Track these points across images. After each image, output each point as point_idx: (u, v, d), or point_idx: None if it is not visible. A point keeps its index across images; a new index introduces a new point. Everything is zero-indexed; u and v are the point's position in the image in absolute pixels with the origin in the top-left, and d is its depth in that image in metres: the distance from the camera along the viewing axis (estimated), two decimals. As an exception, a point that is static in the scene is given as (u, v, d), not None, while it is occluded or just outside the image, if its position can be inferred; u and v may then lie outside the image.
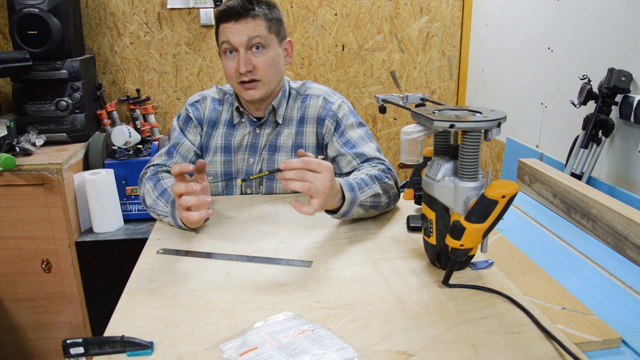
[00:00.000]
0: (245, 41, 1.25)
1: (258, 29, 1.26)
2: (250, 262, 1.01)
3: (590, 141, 1.56)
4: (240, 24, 1.26)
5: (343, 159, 1.33)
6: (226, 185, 1.43)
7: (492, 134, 0.83)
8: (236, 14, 1.25)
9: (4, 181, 1.83)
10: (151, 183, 1.27)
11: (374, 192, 1.15)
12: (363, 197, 1.12)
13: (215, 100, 1.43)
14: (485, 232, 0.82)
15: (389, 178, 1.22)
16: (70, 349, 0.74)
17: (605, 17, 1.58)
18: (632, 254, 1.08)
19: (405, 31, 2.59)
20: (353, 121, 1.37)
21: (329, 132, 1.37)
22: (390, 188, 1.21)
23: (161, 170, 1.33)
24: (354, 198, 1.10)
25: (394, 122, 2.73)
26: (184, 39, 2.48)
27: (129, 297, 0.89)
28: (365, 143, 1.34)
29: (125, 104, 2.52)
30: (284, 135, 1.39)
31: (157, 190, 1.24)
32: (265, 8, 1.29)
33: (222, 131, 1.41)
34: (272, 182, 1.40)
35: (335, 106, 1.37)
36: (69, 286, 1.95)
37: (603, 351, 0.79)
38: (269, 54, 1.29)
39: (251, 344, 0.72)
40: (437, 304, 0.85)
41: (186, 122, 1.42)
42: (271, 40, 1.29)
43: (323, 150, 1.40)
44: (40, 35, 2.03)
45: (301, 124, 1.39)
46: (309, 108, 1.39)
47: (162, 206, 1.20)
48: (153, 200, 1.23)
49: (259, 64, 1.28)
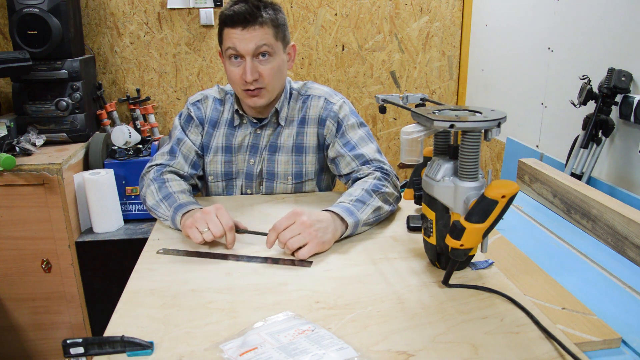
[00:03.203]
0: (252, 49, 1.24)
1: (265, 37, 1.25)
2: (250, 262, 1.01)
3: (590, 141, 1.56)
4: (247, 31, 1.23)
5: (342, 160, 1.33)
6: (226, 185, 1.43)
7: (492, 134, 0.83)
8: (243, 20, 1.23)
9: (4, 181, 1.83)
10: (156, 185, 1.26)
11: (374, 207, 1.15)
12: (365, 216, 1.12)
13: (216, 100, 1.43)
14: (485, 232, 0.82)
15: (387, 185, 1.21)
16: (70, 349, 0.74)
17: (605, 17, 1.58)
18: (632, 254, 1.08)
19: (405, 31, 2.60)
20: (354, 122, 1.36)
21: (330, 133, 1.37)
22: (390, 195, 1.20)
23: (165, 170, 1.32)
24: (356, 220, 1.10)
25: (394, 122, 2.73)
26: (184, 39, 2.48)
27: (129, 297, 0.89)
28: (365, 144, 1.33)
29: (125, 104, 2.51)
30: (284, 136, 1.38)
31: (162, 193, 1.23)
32: (272, 13, 1.27)
33: (223, 131, 1.41)
34: (272, 183, 1.40)
35: (336, 107, 1.37)
36: (69, 286, 1.95)
37: (603, 351, 0.79)
38: (275, 62, 1.28)
39: (251, 344, 0.72)
40: (437, 304, 0.85)
41: (188, 121, 1.41)
42: (277, 47, 1.28)
43: (324, 151, 1.40)
44: (40, 35, 2.02)
45: (302, 124, 1.38)
46: (310, 109, 1.38)
47: (164, 209, 1.20)
48: (156, 202, 1.23)
49: (265, 72, 1.26)
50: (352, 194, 1.16)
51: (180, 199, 1.20)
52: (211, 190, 1.45)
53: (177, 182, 1.29)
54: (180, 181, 1.31)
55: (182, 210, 1.16)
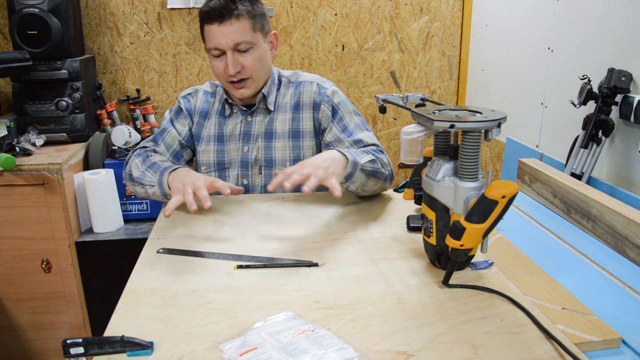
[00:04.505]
0: (231, 44, 1.27)
1: (243, 31, 1.27)
2: (251, 262, 1.01)
3: (590, 141, 1.56)
4: (224, 25, 1.26)
5: (341, 145, 1.37)
6: (219, 176, 1.44)
7: (492, 134, 0.83)
8: (220, 15, 1.25)
9: (4, 181, 1.83)
10: (140, 158, 1.33)
11: (371, 157, 1.23)
12: (363, 161, 1.20)
13: (207, 93, 1.47)
14: (485, 232, 0.82)
15: (383, 155, 1.31)
16: (70, 349, 0.74)
17: (605, 17, 1.58)
18: (632, 254, 1.08)
19: (405, 31, 2.59)
20: (350, 109, 1.42)
21: (326, 117, 1.40)
22: (385, 164, 1.29)
23: (149, 150, 1.38)
24: (355, 160, 1.18)
25: (394, 122, 2.73)
26: (184, 39, 2.48)
27: (129, 297, 0.89)
28: (361, 131, 1.39)
29: (125, 104, 2.51)
30: (279, 122, 1.41)
31: (146, 163, 1.29)
32: (248, 4, 1.28)
33: (214, 120, 1.44)
34: (271, 170, 1.42)
35: (329, 92, 1.41)
36: (69, 286, 1.95)
37: (603, 351, 0.79)
38: (256, 52, 1.31)
39: (251, 344, 0.72)
40: (437, 304, 0.85)
41: (177, 113, 1.46)
42: (257, 38, 1.31)
43: (320, 136, 1.42)
44: (40, 35, 2.03)
45: (297, 110, 1.41)
46: (303, 94, 1.42)
47: (149, 176, 1.26)
48: (141, 172, 1.27)
49: (247, 63, 1.30)
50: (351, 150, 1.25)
51: (164, 164, 1.27)
52: None
53: (160, 156, 1.35)
54: (162, 156, 1.37)
55: (167, 170, 1.23)
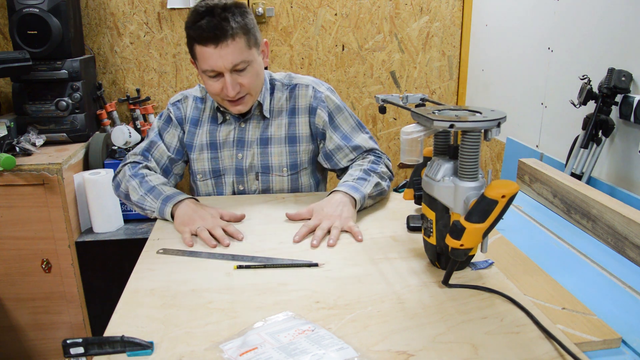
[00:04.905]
0: (229, 66, 1.22)
1: (240, 51, 1.22)
2: (251, 262, 1.01)
3: (590, 141, 1.55)
4: (220, 47, 1.20)
5: (341, 152, 1.39)
6: (216, 183, 1.43)
7: (492, 134, 0.83)
8: (214, 37, 1.19)
9: (4, 181, 1.83)
10: (137, 180, 1.30)
11: (374, 183, 1.28)
12: (368, 190, 1.25)
13: (197, 98, 1.43)
14: (485, 232, 0.82)
15: (380, 165, 1.35)
16: (70, 349, 0.74)
17: (605, 17, 1.58)
18: (632, 254, 1.08)
19: (405, 31, 2.59)
20: (346, 113, 1.42)
21: (323, 122, 1.39)
22: (384, 174, 1.34)
23: (140, 166, 1.35)
24: (362, 195, 1.23)
25: (394, 122, 2.73)
26: (184, 39, 2.46)
27: (129, 297, 0.89)
28: (357, 134, 1.41)
29: (125, 104, 2.51)
30: (274, 127, 1.40)
31: (144, 187, 1.27)
32: (240, 20, 1.22)
33: (206, 128, 1.41)
34: (268, 176, 1.41)
35: (324, 96, 1.40)
36: (69, 286, 1.95)
37: (603, 351, 0.79)
38: (253, 69, 1.27)
39: (251, 344, 0.72)
40: (437, 304, 0.85)
41: (166, 122, 1.42)
42: (252, 55, 1.26)
43: (317, 139, 1.42)
44: (40, 35, 2.02)
45: (293, 114, 1.40)
46: (299, 98, 1.40)
47: (150, 202, 1.24)
48: (140, 196, 1.26)
49: (245, 81, 1.26)
50: (352, 175, 1.29)
51: (165, 191, 1.26)
52: (201, 189, 1.44)
53: (155, 176, 1.33)
54: (157, 174, 1.36)
55: (170, 202, 1.21)
